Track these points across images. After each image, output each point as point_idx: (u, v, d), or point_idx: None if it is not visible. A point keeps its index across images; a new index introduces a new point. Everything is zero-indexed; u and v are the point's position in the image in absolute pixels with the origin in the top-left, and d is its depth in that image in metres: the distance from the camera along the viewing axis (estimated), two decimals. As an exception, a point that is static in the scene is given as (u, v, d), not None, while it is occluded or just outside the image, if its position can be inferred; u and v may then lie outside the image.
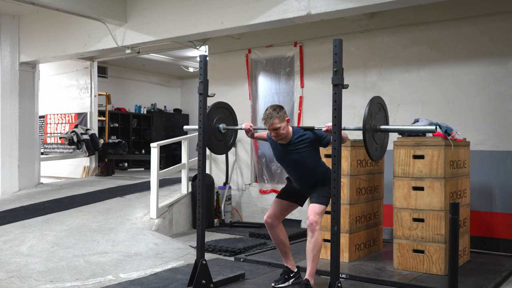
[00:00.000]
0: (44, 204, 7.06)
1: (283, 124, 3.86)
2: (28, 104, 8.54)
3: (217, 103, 4.30)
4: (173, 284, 4.24)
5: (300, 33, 7.10)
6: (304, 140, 3.92)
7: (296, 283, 4.19)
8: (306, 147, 3.92)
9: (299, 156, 3.93)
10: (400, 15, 6.22)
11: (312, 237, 3.83)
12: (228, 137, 4.42)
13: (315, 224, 3.81)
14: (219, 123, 4.27)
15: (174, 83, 14.48)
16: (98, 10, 6.63)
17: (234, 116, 4.48)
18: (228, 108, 4.42)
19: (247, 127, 4.20)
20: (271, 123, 3.83)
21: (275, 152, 4.11)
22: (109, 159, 10.25)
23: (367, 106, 3.35)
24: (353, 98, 6.33)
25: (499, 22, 5.67)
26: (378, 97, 3.56)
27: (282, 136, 3.89)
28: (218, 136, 4.29)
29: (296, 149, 3.93)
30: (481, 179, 5.68)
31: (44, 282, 4.26)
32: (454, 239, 3.22)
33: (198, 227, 4.08)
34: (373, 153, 3.44)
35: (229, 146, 4.49)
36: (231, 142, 4.47)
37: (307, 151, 3.92)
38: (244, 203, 7.71)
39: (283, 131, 3.86)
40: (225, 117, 4.35)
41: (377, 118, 3.48)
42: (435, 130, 3.38)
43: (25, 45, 8.27)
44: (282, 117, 3.86)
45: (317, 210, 3.86)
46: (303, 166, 3.96)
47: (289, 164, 4.03)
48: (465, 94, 5.88)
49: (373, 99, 3.45)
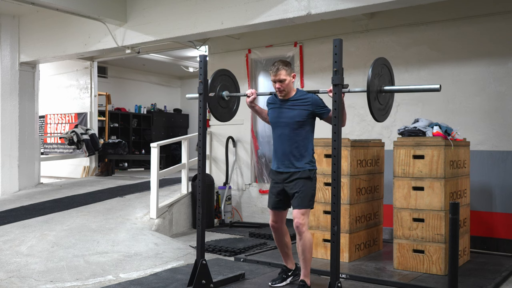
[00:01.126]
0: (44, 204, 7.06)
1: (289, 78, 3.89)
2: (28, 104, 8.54)
3: (220, 70, 4.31)
4: (173, 284, 4.24)
5: (300, 33, 7.10)
6: (305, 99, 3.92)
7: (295, 280, 4.20)
8: (304, 107, 3.89)
9: (294, 114, 3.90)
10: (400, 15, 6.22)
11: (300, 239, 3.84)
12: (231, 104, 4.45)
13: (301, 226, 3.81)
14: (222, 90, 4.29)
15: (174, 83, 14.48)
16: (98, 10, 6.63)
17: (236, 83, 4.50)
18: (230, 75, 4.43)
19: (251, 91, 4.17)
20: (278, 74, 3.87)
21: (272, 113, 4.07)
22: (109, 159, 10.25)
23: (371, 66, 3.31)
24: (353, 98, 6.32)
25: (499, 22, 5.67)
26: (383, 58, 3.50)
27: (285, 90, 3.91)
28: (222, 103, 4.32)
29: (295, 106, 3.92)
30: (481, 179, 5.68)
31: (44, 282, 4.26)
32: (454, 239, 3.22)
33: (198, 227, 4.08)
34: (376, 113, 3.39)
35: (232, 113, 4.50)
36: (234, 108, 4.50)
37: (305, 110, 3.89)
38: (244, 203, 7.71)
39: (287, 84, 3.89)
40: (227, 84, 4.37)
41: (381, 79, 3.43)
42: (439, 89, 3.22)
43: (25, 45, 8.27)
44: (290, 71, 3.91)
45: (302, 211, 3.86)
46: (292, 131, 3.90)
47: (280, 125, 3.96)
48: (465, 94, 5.88)
49: (377, 60, 3.40)
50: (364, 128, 6.51)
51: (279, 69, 3.87)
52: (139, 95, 13.41)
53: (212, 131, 8.07)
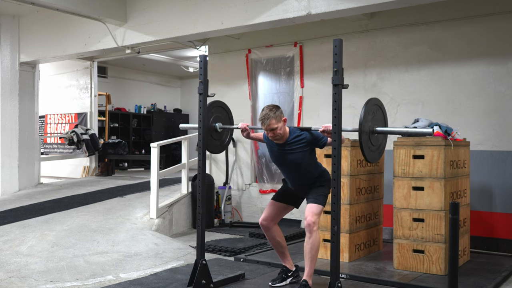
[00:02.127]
0: (44, 204, 7.06)
1: (280, 124, 3.85)
2: (28, 104, 8.54)
3: (214, 102, 4.30)
4: (173, 284, 4.24)
5: (300, 33, 7.10)
6: (300, 140, 3.92)
7: (294, 282, 4.19)
8: (302, 147, 3.91)
9: (295, 157, 3.92)
10: (400, 15, 6.22)
11: (310, 237, 3.83)
12: (224, 136, 4.43)
13: (313, 225, 3.80)
14: (215, 122, 4.27)
15: (174, 83, 14.48)
16: (98, 10, 6.63)
17: (230, 115, 4.48)
18: (224, 107, 4.42)
19: (243, 126, 4.18)
20: (268, 124, 3.83)
21: (271, 152, 4.11)
22: (109, 159, 10.25)
23: (363, 108, 3.34)
24: (353, 98, 6.33)
25: (499, 22, 5.67)
26: (375, 98, 3.54)
27: (279, 136, 3.89)
28: (215, 135, 4.30)
29: (293, 149, 3.93)
30: (481, 179, 5.68)
31: (44, 282, 4.26)
32: (454, 239, 3.22)
33: (198, 227, 4.08)
34: (368, 154, 3.43)
35: (225, 145, 4.49)
36: (227, 141, 4.48)
37: (303, 151, 3.92)
38: (244, 203, 7.71)
39: (280, 131, 3.86)
40: (221, 116, 4.35)
41: (374, 120, 3.46)
42: (432, 133, 3.37)
43: (25, 45, 8.27)
44: (279, 117, 3.85)
45: (314, 210, 3.86)
46: (299, 167, 3.96)
47: (285, 165, 4.02)
48: (465, 94, 5.88)
49: (370, 100, 3.42)
50: (364, 128, 6.51)
51: (268, 118, 3.81)
52: (139, 95, 13.41)
53: (212, 131, 8.05)
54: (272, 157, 4.14)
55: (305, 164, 3.95)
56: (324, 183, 4.00)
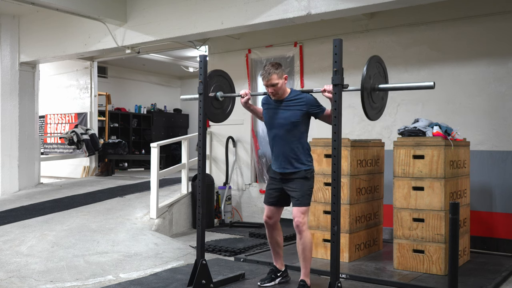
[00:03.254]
0: (44, 204, 7.06)
1: (280, 81, 3.87)
2: (28, 104, 8.54)
3: (215, 71, 4.28)
4: (173, 284, 4.24)
5: (300, 33, 7.10)
6: (299, 99, 3.90)
7: (283, 282, 4.21)
8: (299, 107, 3.88)
9: (289, 114, 3.88)
10: (400, 15, 6.22)
11: (300, 238, 3.84)
12: (225, 104, 4.41)
13: (301, 225, 3.81)
14: (216, 91, 4.26)
15: (174, 83, 14.48)
16: (98, 10, 6.63)
17: (232, 84, 4.46)
18: (225, 76, 4.41)
19: (245, 91, 4.15)
20: (269, 79, 3.84)
21: (267, 114, 4.05)
22: (109, 159, 10.24)
23: (365, 65, 3.31)
24: (353, 98, 6.30)
25: (499, 22, 5.67)
26: (377, 56, 3.50)
27: (279, 93, 3.88)
28: (216, 104, 4.28)
29: (289, 106, 3.90)
30: (481, 179, 5.68)
31: (44, 282, 4.26)
32: (454, 239, 3.22)
33: (198, 227, 4.08)
34: (370, 112, 3.40)
35: (227, 114, 4.47)
36: (229, 110, 4.46)
37: (299, 111, 3.87)
38: (244, 203, 7.71)
39: (280, 87, 3.86)
40: (222, 85, 4.34)
41: (375, 78, 3.43)
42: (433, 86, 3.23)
43: (25, 45, 8.27)
44: (281, 73, 3.88)
45: (301, 210, 3.85)
46: (288, 130, 3.89)
47: (276, 125, 3.95)
48: (465, 94, 5.88)
49: (372, 58, 3.40)
50: (364, 128, 6.51)
51: (270, 73, 3.84)
52: (139, 95, 13.41)
53: (212, 131, 8.07)
54: (266, 117, 4.06)
55: (295, 131, 3.89)
56: (309, 175, 3.93)
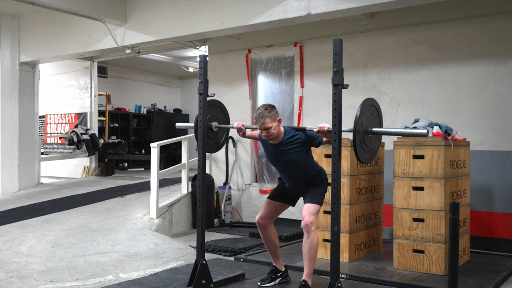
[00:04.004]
0: (44, 204, 7.06)
1: (274, 124, 3.82)
2: (28, 104, 8.54)
3: (210, 101, 4.27)
4: (173, 284, 4.24)
5: (300, 33, 7.10)
6: (295, 140, 3.90)
7: (283, 282, 4.21)
8: (297, 147, 3.89)
9: (290, 157, 3.90)
10: (400, 15, 6.22)
11: (308, 238, 3.82)
12: (219, 136, 4.41)
13: (311, 225, 3.80)
14: (211, 121, 4.25)
15: (174, 83, 14.48)
16: (98, 10, 6.63)
17: (227, 115, 4.46)
18: (221, 106, 4.40)
19: (239, 126, 4.16)
20: (262, 123, 3.80)
21: (266, 152, 4.09)
22: (109, 159, 10.25)
23: (359, 108, 3.33)
24: (353, 98, 6.31)
25: (499, 22, 5.67)
26: (372, 98, 3.52)
27: (273, 136, 3.86)
28: (210, 134, 4.28)
29: (287, 149, 3.90)
30: (481, 179, 5.68)
31: (44, 282, 4.26)
32: (454, 239, 3.22)
33: (198, 227, 4.08)
34: (361, 155, 3.41)
35: (220, 145, 4.47)
36: (222, 141, 4.46)
37: (298, 151, 3.90)
38: (244, 203, 7.71)
39: (274, 130, 3.83)
40: (217, 115, 4.34)
41: (369, 121, 3.44)
42: (427, 134, 3.36)
43: (25, 45, 8.27)
44: (274, 116, 3.83)
45: (312, 210, 3.84)
46: (294, 167, 3.94)
47: (281, 165, 4.01)
48: (465, 94, 5.88)
49: (366, 101, 3.41)
50: (364, 128, 6.51)
51: (263, 117, 3.78)
52: (139, 95, 13.41)
53: (212, 131, 8.05)
54: (268, 157, 4.12)
55: (301, 164, 3.94)
56: (320, 182, 3.99)
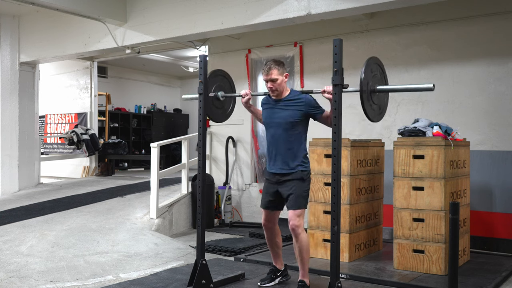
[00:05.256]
0: (44, 204, 7.06)
1: (281, 78, 3.83)
2: (28, 104, 8.53)
3: (215, 71, 4.29)
4: (173, 284, 4.24)
5: (300, 33, 7.10)
6: (298, 99, 3.86)
7: (283, 281, 4.21)
8: (297, 107, 3.85)
9: (287, 114, 3.85)
10: (400, 15, 6.22)
11: (297, 241, 3.83)
12: (226, 104, 4.42)
13: (297, 228, 3.80)
14: (217, 90, 4.26)
15: (174, 83, 14.48)
16: (98, 10, 6.63)
17: (232, 85, 4.47)
18: (226, 76, 4.41)
19: (246, 91, 4.14)
20: (269, 73, 3.82)
21: (265, 113, 4.03)
22: (109, 159, 10.25)
23: (363, 66, 3.30)
24: (353, 98, 6.28)
25: (499, 22, 5.67)
26: (375, 57, 3.49)
27: (277, 90, 3.85)
28: (217, 103, 4.29)
29: (288, 106, 3.87)
30: (481, 179, 5.68)
31: (44, 282, 4.26)
32: (454, 239, 3.22)
33: (198, 227, 4.08)
34: (371, 113, 3.38)
35: (227, 114, 4.47)
36: (229, 109, 4.47)
37: (298, 111, 3.84)
38: (244, 203, 7.71)
39: (280, 84, 3.83)
40: (223, 85, 4.35)
41: (374, 79, 3.42)
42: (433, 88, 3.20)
43: (25, 45, 8.26)
44: (282, 70, 3.85)
45: (296, 213, 3.83)
46: (286, 130, 3.85)
47: (274, 124, 3.92)
48: (465, 94, 5.88)
49: (370, 59, 3.38)
50: (364, 128, 6.51)
51: (270, 68, 3.83)
52: (139, 95, 13.41)
53: (212, 131, 8.07)
54: (264, 118, 4.04)
55: (292, 129, 3.85)
56: (305, 176, 3.90)
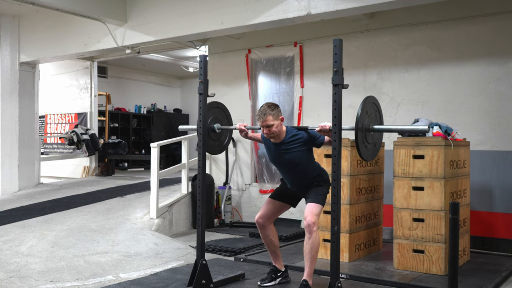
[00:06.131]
0: (44, 204, 7.06)
1: (276, 122, 3.84)
2: (28, 104, 8.53)
3: (212, 103, 4.28)
4: (173, 284, 4.24)
5: (300, 33, 7.10)
6: (297, 140, 3.90)
7: (283, 282, 4.21)
8: (299, 147, 3.90)
9: (292, 156, 3.91)
10: (400, 15, 6.22)
11: (310, 238, 3.82)
12: (222, 137, 4.42)
13: (313, 225, 3.79)
14: (213, 123, 4.26)
15: (174, 83, 14.48)
16: (98, 10, 6.63)
17: (229, 116, 4.46)
18: (222, 108, 4.40)
19: (241, 127, 4.18)
20: (265, 120, 3.82)
21: (268, 152, 4.10)
22: (109, 159, 10.24)
23: (360, 105, 3.34)
24: (353, 98, 6.32)
25: (499, 22, 5.67)
26: (372, 97, 3.54)
27: (274, 134, 3.87)
28: (213, 136, 4.28)
29: (289, 148, 3.91)
30: (481, 179, 5.68)
31: (44, 282, 4.26)
32: (454, 239, 3.22)
33: (198, 227, 4.08)
34: (364, 152, 3.43)
35: (223, 146, 4.48)
36: (226, 142, 4.46)
37: (300, 151, 3.90)
38: (244, 203, 7.71)
39: (276, 129, 3.84)
40: (219, 117, 4.34)
41: (370, 118, 3.46)
42: (427, 131, 3.34)
43: (25, 45, 8.26)
44: (277, 115, 3.85)
45: (314, 210, 3.84)
46: (296, 167, 3.94)
47: (282, 165, 4.01)
48: (465, 94, 5.88)
49: (367, 98, 3.43)
50: (364, 128, 6.51)
51: (265, 114, 3.81)
52: (139, 95, 13.41)
53: (212, 131, 8.06)
54: (270, 157, 4.14)
55: (302, 164, 3.94)
56: (322, 183, 4.00)
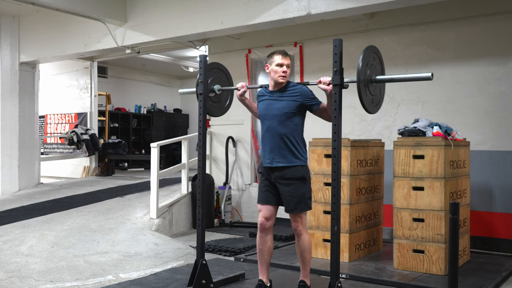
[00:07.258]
0: (44, 204, 7.06)
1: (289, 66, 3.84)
2: (28, 104, 8.53)
3: (211, 64, 4.26)
4: (173, 284, 4.24)
5: (300, 33, 7.10)
6: (294, 90, 3.81)
7: None
8: (293, 99, 3.78)
9: (283, 105, 3.77)
10: (400, 15, 6.22)
11: (299, 241, 3.82)
12: (223, 98, 4.39)
13: (300, 228, 3.79)
14: (213, 84, 4.22)
15: (174, 83, 14.47)
16: (98, 10, 6.63)
17: (229, 77, 4.43)
18: (222, 69, 4.39)
19: (242, 85, 4.10)
20: (287, 57, 3.81)
21: (261, 105, 3.94)
22: (109, 159, 10.25)
23: (361, 55, 3.26)
24: (353, 98, 6.26)
25: (499, 22, 5.67)
26: (373, 46, 3.43)
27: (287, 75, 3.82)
28: (213, 97, 4.26)
29: (284, 97, 3.81)
30: (481, 179, 5.68)
31: (44, 282, 4.26)
32: (454, 239, 3.22)
33: (198, 227, 4.08)
34: (368, 105, 3.36)
35: (225, 108, 4.44)
36: (227, 104, 4.44)
37: (294, 101, 3.77)
38: (244, 203, 7.71)
39: (289, 71, 3.84)
40: (219, 78, 4.31)
41: (372, 69, 3.38)
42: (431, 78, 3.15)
43: (25, 45, 8.27)
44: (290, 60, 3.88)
45: (299, 214, 3.80)
46: (281, 122, 3.77)
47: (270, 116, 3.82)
48: (465, 94, 5.88)
49: (368, 48, 3.34)
50: (364, 128, 6.51)
51: (287, 54, 3.83)
52: (139, 95, 13.41)
53: (212, 131, 8.07)
54: (260, 108, 3.95)
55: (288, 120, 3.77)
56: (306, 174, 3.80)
